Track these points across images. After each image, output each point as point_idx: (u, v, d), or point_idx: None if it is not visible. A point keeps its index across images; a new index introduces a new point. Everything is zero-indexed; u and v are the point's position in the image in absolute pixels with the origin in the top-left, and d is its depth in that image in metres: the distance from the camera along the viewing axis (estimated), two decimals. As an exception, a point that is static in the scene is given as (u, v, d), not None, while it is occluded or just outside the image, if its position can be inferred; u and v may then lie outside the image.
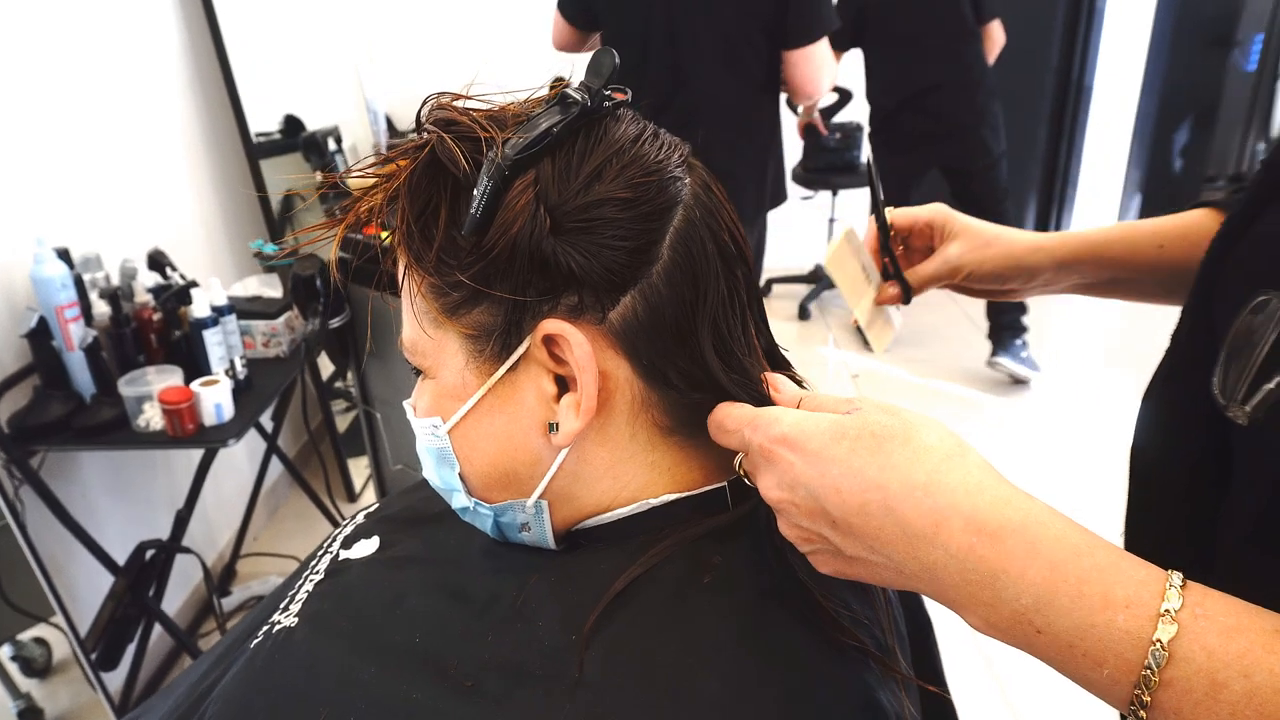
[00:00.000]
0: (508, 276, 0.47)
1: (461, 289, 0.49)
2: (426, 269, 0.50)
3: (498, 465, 0.53)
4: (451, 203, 0.48)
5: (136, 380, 1.63)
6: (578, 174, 0.47)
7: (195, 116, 2.28)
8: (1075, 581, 0.37)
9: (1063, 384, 3.21)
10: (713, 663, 0.46)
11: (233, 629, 0.71)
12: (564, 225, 0.47)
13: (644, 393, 0.51)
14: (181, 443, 1.60)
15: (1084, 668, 0.37)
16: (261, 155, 2.48)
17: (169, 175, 2.15)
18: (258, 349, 1.91)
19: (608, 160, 0.48)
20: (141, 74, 2.05)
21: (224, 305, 1.74)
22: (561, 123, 0.47)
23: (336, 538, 0.68)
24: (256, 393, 1.78)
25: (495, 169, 0.46)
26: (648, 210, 0.48)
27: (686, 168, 0.51)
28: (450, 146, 0.47)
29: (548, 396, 0.50)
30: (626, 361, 0.50)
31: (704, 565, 0.50)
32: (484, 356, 0.50)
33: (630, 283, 0.48)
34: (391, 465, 2.04)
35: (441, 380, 0.53)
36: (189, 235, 2.19)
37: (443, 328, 0.51)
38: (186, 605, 2.11)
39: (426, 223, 0.49)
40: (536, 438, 0.51)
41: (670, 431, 0.52)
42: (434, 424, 0.53)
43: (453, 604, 0.55)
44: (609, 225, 0.47)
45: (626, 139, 0.49)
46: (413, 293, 0.51)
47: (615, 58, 0.48)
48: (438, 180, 0.49)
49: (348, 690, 0.50)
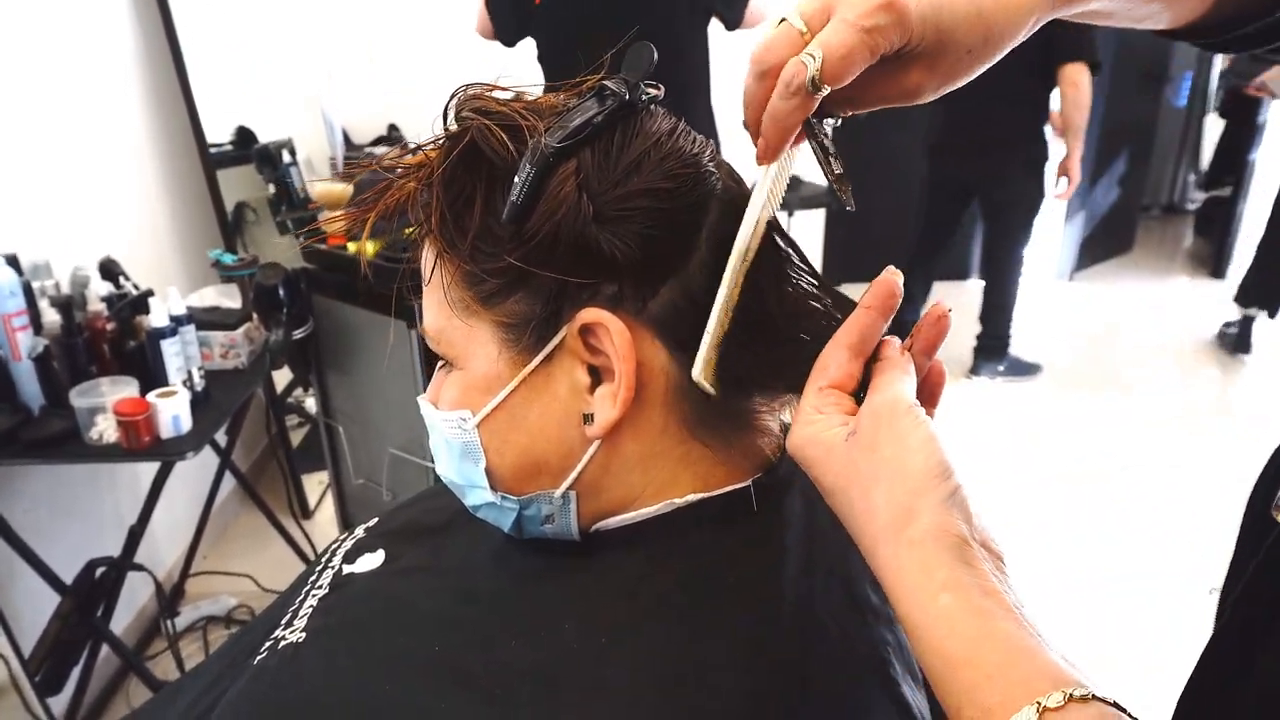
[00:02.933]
0: (548, 264, 0.47)
1: (499, 276, 0.49)
2: (461, 256, 0.49)
3: (529, 457, 0.52)
4: (488, 190, 0.48)
5: (89, 391, 1.57)
6: (617, 164, 0.48)
7: (149, 123, 2.23)
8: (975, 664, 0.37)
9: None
10: (740, 670, 0.46)
11: (218, 651, 0.69)
12: (606, 214, 0.47)
13: (677, 385, 0.51)
14: (137, 456, 1.54)
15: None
16: (215, 166, 2.44)
17: (122, 183, 2.09)
18: (216, 360, 1.85)
19: (645, 152, 0.48)
20: (94, 79, 2.00)
21: (182, 315, 1.69)
22: (602, 113, 0.47)
23: (336, 552, 0.66)
24: (215, 405, 1.72)
25: (540, 156, 0.46)
26: (686, 202, 0.49)
27: (716, 164, 0.51)
28: (494, 133, 0.47)
29: (581, 388, 0.50)
30: (664, 352, 0.50)
31: (730, 569, 0.50)
32: (519, 346, 0.50)
33: (670, 273, 0.49)
34: (353, 480, 2.00)
35: (471, 371, 0.52)
36: (142, 244, 2.13)
37: (477, 316, 0.51)
38: (132, 626, 2.03)
39: (461, 210, 0.49)
40: (570, 429, 0.51)
41: (699, 426, 0.52)
42: (462, 417, 0.53)
43: (469, 610, 0.54)
44: (649, 215, 0.47)
45: (663, 132, 0.50)
46: (446, 282, 0.51)
47: (654, 51, 0.49)
48: (474, 167, 0.49)
49: (368, 702, 0.49)
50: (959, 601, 0.37)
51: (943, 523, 0.39)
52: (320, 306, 1.89)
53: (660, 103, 0.52)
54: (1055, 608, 2.07)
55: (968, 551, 0.39)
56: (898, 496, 0.41)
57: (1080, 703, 0.33)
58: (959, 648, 0.37)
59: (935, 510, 0.40)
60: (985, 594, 0.37)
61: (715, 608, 0.49)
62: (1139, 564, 2.31)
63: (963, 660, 0.36)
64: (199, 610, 2.12)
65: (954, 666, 0.37)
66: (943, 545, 0.39)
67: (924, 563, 0.39)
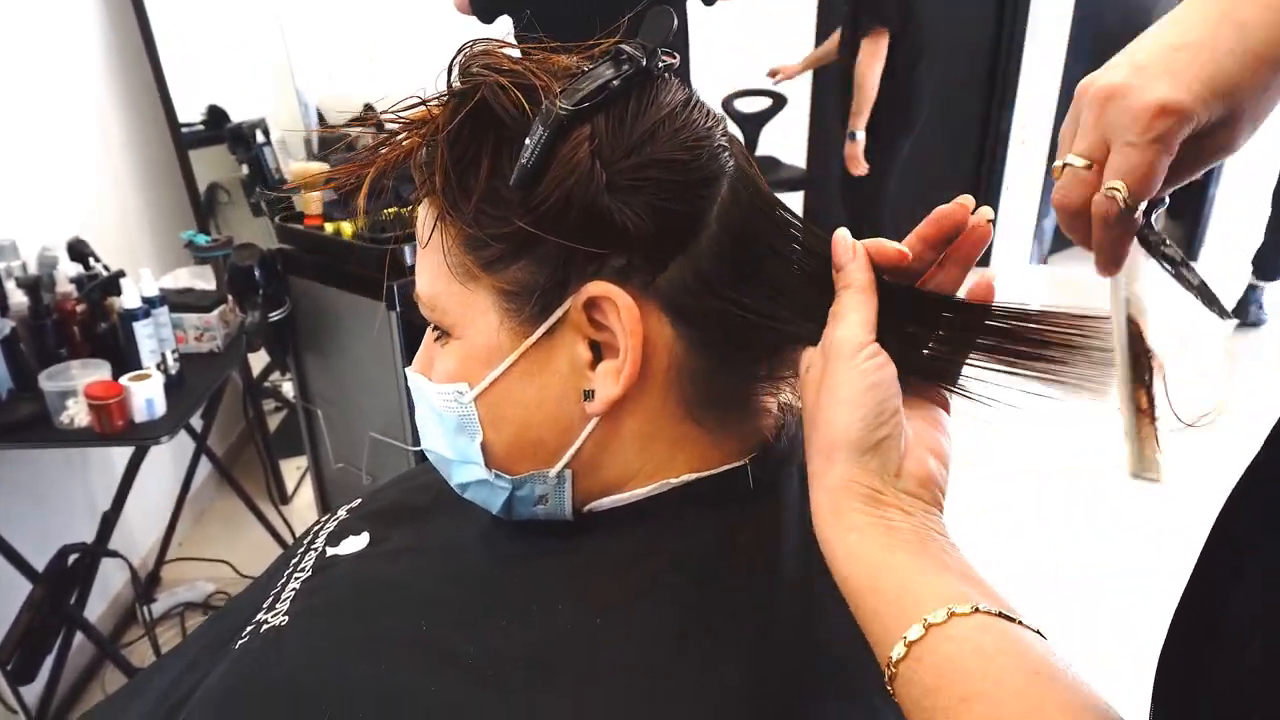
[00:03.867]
0: (557, 232, 0.45)
1: (504, 241, 0.47)
2: (465, 219, 0.47)
3: (526, 433, 0.51)
4: (495, 151, 0.46)
5: (59, 375, 1.53)
6: (632, 133, 0.46)
7: (118, 100, 2.17)
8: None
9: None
10: (738, 650, 0.45)
11: (195, 634, 0.67)
12: (618, 183, 0.45)
13: (680, 363, 0.49)
14: (110, 440, 1.51)
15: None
16: (187, 146, 2.38)
17: (90, 162, 2.04)
18: (190, 343, 1.82)
19: (660, 122, 0.46)
20: (58, 54, 1.94)
21: (155, 297, 1.66)
22: (619, 77, 0.45)
23: (319, 534, 0.65)
24: (189, 389, 1.69)
25: (553, 119, 0.44)
26: (700, 176, 0.47)
27: (728, 139, 0.50)
28: (506, 91, 0.45)
29: (582, 363, 0.49)
30: (669, 329, 0.49)
31: (727, 549, 0.49)
32: (521, 316, 0.48)
33: (680, 248, 0.47)
34: (332, 464, 1.98)
35: (469, 341, 0.50)
36: (112, 225, 2.08)
37: (477, 281, 0.49)
38: (107, 613, 2.00)
39: (466, 170, 0.47)
40: (569, 405, 0.50)
41: (698, 406, 0.51)
42: (459, 390, 0.51)
43: (457, 591, 0.53)
44: (662, 187, 0.46)
45: (677, 103, 0.48)
46: (446, 245, 0.49)
47: (674, 18, 0.47)
48: (482, 126, 0.46)
49: (353, 686, 0.48)
50: (862, 538, 0.41)
51: (854, 475, 0.42)
52: (297, 288, 1.85)
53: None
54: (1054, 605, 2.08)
55: (880, 499, 0.42)
56: (820, 445, 0.44)
57: (962, 617, 0.37)
58: (862, 578, 0.41)
59: (849, 464, 0.42)
60: (888, 530, 0.41)
61: (711, 588, 0.48)
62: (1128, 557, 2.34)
63: (866, 589, 0.40)
64: (176, 597, 2.09)
65: (860, 595, 0.40)
66: (854, 494, 0.42)
67: (836, 506, 0.42)
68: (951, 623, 0.37)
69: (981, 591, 0.39)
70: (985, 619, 0.37)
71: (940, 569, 0.40)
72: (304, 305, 1.87)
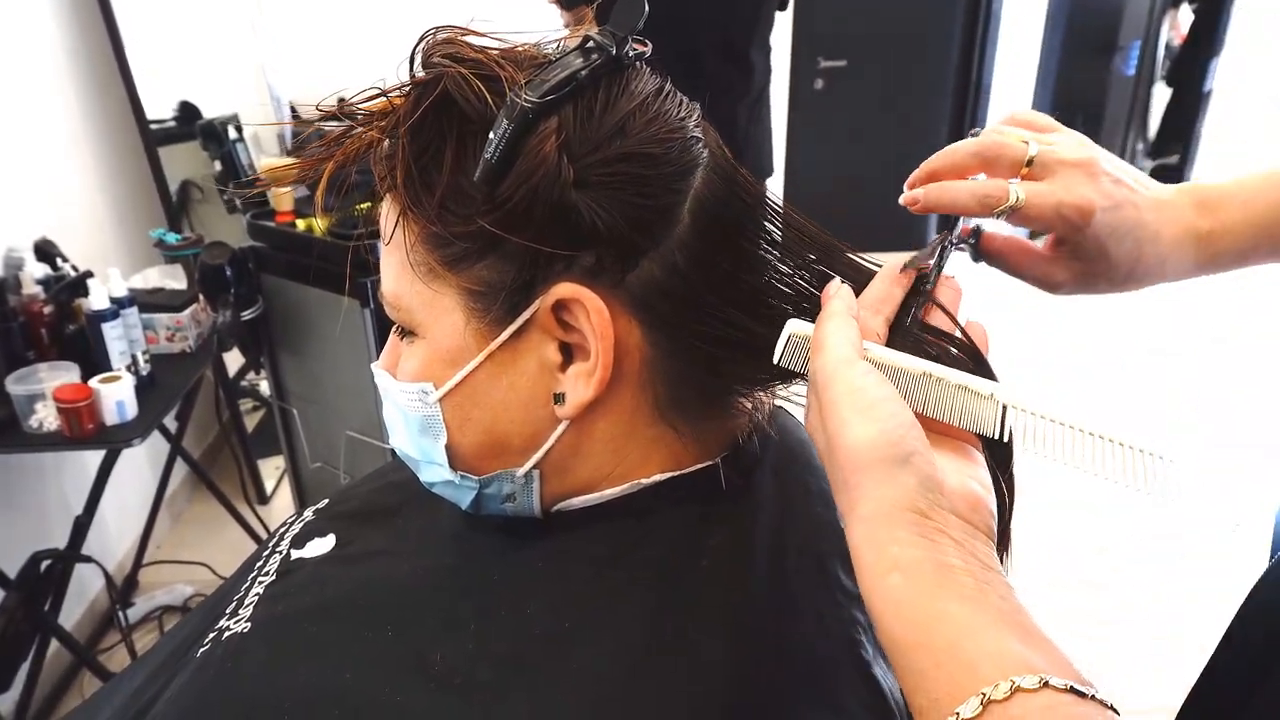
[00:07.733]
0: (523, 231, 0.44)
1: (468, 239, 0.45)
2: (427, 216, 0.45)
3: (492, 435, 0.50)
4: (458, 145, 0.44)
5: (27, 378, 1.51)
6: (601, 126, 0.44)
7: (83, 97, 2.13)
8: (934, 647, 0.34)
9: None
10: (713, 648, 0.45)
11: (164, 639, 0.66)
12: (587, 179, 0.43)
13: (651, 363, 0.48)
14: (80, 444, 1.49)
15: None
16: (157, 143, 2.34)
17: (56, 161, 2.00)
18: (161, 344, 1.79)
19: (631, 114, 0.44)
20: (21, 49, 1.90)
21: (124, 297, 1.63)
22: (588, 68, 0.43)
23: (284, 537, 0.63)
24: (161, 390, 1.67)
25: (519, 112, 0.42)
26: (671, 170, 0.45)
27: (702, 129, 0.48)
28: (468, 82, 0.43)
29: (551, 365, 0.47)
30: (638, 329, 0.47)
31: (701, 549, 0.49)
32: (488, 318, 0.47)
33: (651, 245, 0.45)
34: (309, 464, 1.96)
35: (434, 341, 0.49)
36: (80, 224, 2.05)
37: (442, 280, 0.47)
38: (84, 619, 1.97)
39: (428, 165, 0.45)
40: (538, 408, 0.48)
41: (671, 408, 0.50)
42: (423, 390, 0.49)
43: (426, 594, 0.52)
44: (633, 182, 0.44)
45: (649, 93, 0.46)
46: (409, 243, 0.47)
47: (644, 5, 0.44)
48: (444, 119, 0.44)
49: (316, 695, 0.46)
50: (908, 581, 0.35)
51: (892, 497, 0.37)
52: (270, 286, 1.83)
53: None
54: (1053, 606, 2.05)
55: (926, 524, 0.36)
56: (844, 474, 0.38)
57: (1028, 694, 0.31)
58: (907, 632, 0.34)
59: (881, 485, 0.37)
60: (940, 570, 0.35)
61: (685, 587, 0.47)
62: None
63: (911, 644, 0.34)
64: (154, 600, 2.07)
65: (903, 651, 0.34)
66: (896, 521, 0.36)
67: (874, 540, 0.37)
68: (1015, 700, 0.31)
69: (1045, 654, 0.32)
70: (1054, 696, 0.31)
71: (998, 623, 0.33)
72: (277, 303, 1.85)
